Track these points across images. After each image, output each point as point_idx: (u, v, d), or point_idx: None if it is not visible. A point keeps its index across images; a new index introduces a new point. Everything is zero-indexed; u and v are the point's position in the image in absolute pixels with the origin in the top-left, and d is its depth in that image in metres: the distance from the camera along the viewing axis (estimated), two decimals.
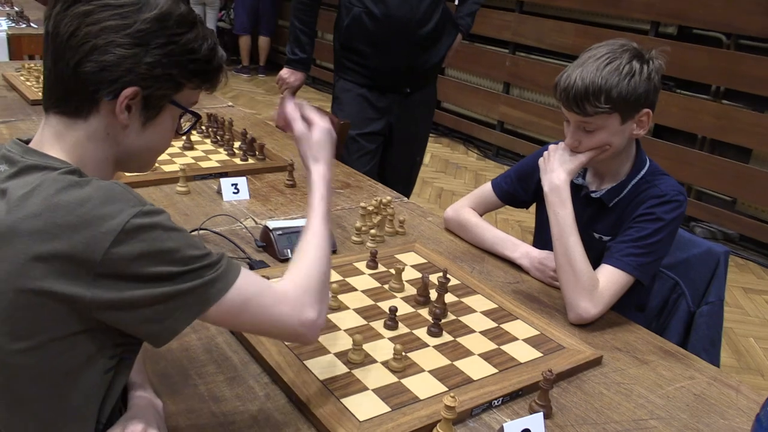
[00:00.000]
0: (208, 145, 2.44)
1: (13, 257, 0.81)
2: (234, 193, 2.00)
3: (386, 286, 1.53)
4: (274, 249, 1.64)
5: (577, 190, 1.63)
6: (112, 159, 0.98)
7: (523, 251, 1.71)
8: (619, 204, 1.61)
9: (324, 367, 1.22)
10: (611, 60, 1.47)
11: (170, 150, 2.33)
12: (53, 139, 0.93)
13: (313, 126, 1.19)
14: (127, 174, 2.03)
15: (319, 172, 1.17)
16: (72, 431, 0.90)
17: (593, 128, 1.51)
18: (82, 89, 0.90)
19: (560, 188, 1.54)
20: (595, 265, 1.53)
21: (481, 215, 1.87)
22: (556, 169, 1.56)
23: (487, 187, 1.87)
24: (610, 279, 1.50)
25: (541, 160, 1.62)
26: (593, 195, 1.64)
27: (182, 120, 1.05)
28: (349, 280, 1.54)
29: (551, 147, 1.62)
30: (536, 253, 1.70)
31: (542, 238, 1.78)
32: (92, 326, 0.86)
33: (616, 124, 1.50)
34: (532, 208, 1.87)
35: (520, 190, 1.81)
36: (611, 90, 1.45)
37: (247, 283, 0.94)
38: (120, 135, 0.95)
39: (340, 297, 1.44)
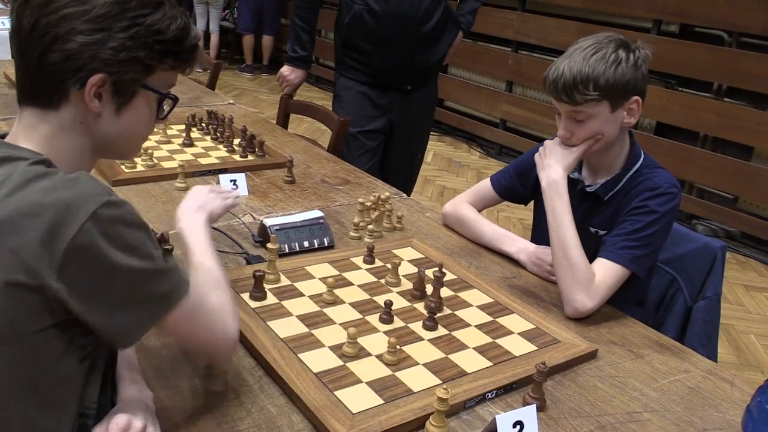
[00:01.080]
0: (208, 141, 2.44)
1: None
2: (233, 189, 2.01)
3: (383, 281, 1.53)
4: None
5: (572, 185, 1.63)
6: (89, 148, 0.97)
7: (521, 246, 1.72)
8: (614, 197, 1.61)
9: (318, 359, 1.22)
10: (597, 50, 1.50)
11: (170, 146, 2.34)
12: (28, 132, 0.93)
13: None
14: (126, 170, 2.04)
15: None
16: (53, 421, 0.89)
17: (583, 117, 1.53)
18: (49, 80, 0.90)
19: (557, 182, 1.55)
20: (592, 259, 1.54)
21: (479, 211, 1.87)
22: (553, 164, 1.57)
23: (485, 183, 1.87)
24: (606, 272, 1.50)
25: (536, 156, 1.63)
26: (588, 189, 1.64)
27: (164, 104, 1.03)
28: (345, 274, 1.55)
29: (547, 143, 1.63)
30: (533, 248, 1.70)
31: (540, 233, 1.78)
32: (64, 318, 0.86)
33: (606, 112, 1.52)
34: (530, 208, 1.87)
35: (519, 185, 1.81)
36: (599, 78, 1.47)
37: (194, 293, 0.96)
38: (94, 123, 0.95)
39: (336, 291, 1.44)
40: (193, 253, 1.15)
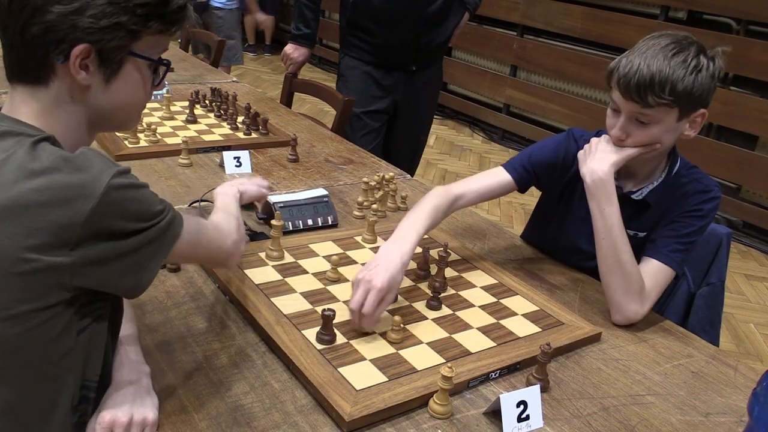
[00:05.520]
0: (212, 118, 2.43)
1: None
2: (236, 166, 2.00)
3: None
4: None
5: None
6: (85, 122, 0.95)
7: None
8: (659, 202, 1.54)
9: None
10: (678, 51, 1.37)
11: (173, 123, 2.32)
12: (22, 107, 0.91)
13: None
14: (129, 145, 2.03)
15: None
16: (52, 393, 0.89)
17: (648, 121, 1.40)
18: (33, 55, 0.87)
19: (605, 181, 1.42)
20: None
21: (476, 202, 1.63)
22: (600, 160, 1.44)
23: (498, 170, 1.65)
24: (658, 275, 1.44)
25: (580, 152, 1.51)
26: (634, 197, 1.53)
27: (160, 70, 1.00)
28: (349, 253, 1.54)
29: (593, 140, 1.50)
30: None
31: (540, 222, 1.77)
32: (70, 294, 0.85)
33: (672, 120, 1.40)
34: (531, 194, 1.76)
35: (533, 173, 1.63)
36: (677, 82, 1.34)
37: (189, 220, 0.99)
38: (85, 96, 0.92)
39: (340, 269, 1.43)
40: (214, 210, 1.29)
